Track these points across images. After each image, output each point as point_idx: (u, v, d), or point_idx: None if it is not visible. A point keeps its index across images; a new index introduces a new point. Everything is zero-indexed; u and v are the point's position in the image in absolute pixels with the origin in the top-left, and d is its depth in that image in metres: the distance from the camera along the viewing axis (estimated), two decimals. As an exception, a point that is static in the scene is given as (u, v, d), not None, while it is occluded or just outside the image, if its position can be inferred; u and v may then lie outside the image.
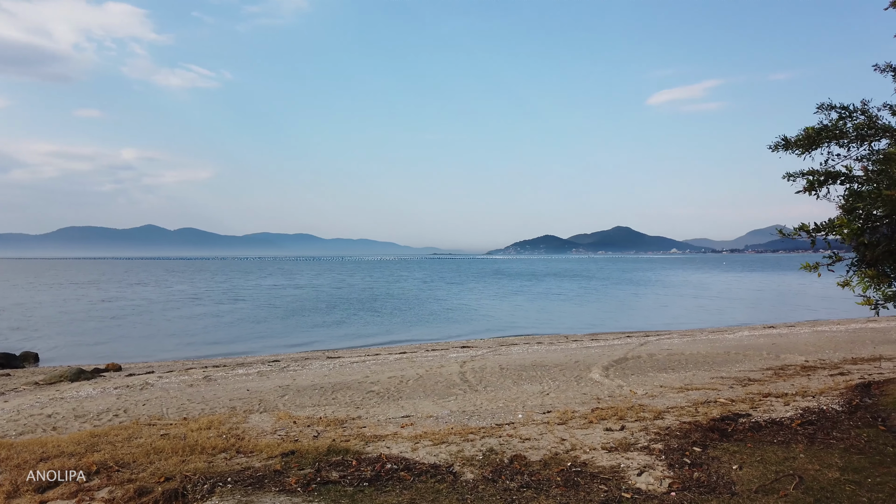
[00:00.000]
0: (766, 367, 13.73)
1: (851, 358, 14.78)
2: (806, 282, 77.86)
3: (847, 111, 6.01)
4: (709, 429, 7.41)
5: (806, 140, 5.93)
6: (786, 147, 6.12)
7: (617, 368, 13.95)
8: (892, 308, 4.84)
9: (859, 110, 5.94)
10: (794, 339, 19.36)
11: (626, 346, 18.54)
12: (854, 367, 12.93)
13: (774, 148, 6.25)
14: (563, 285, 71.34)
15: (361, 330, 28.05)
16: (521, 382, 12.41)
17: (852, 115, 5.98)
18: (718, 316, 33.95)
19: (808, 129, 6.03)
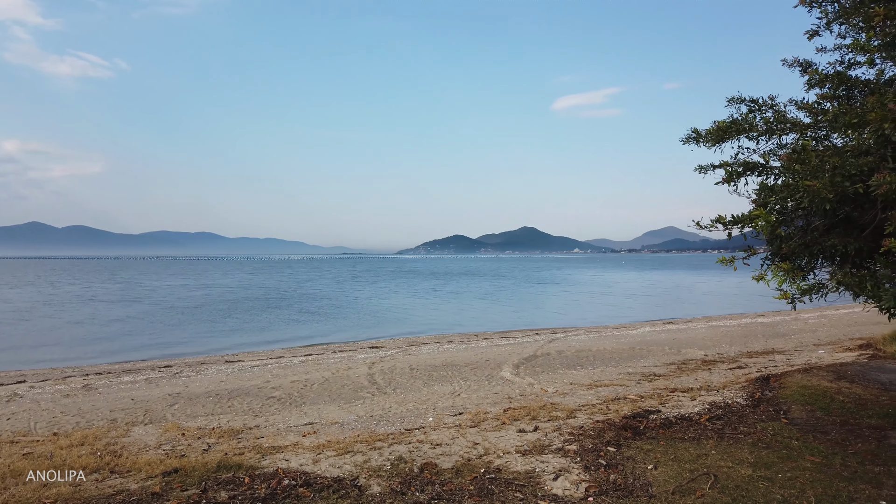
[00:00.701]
0: (669, 361, 14.05)
1: (747, 352, 15.42)
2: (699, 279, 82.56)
3: (756, 104, 6.00)
4: (622, 427, 7.28)
5: (716, 133, 5.86)
6: (696, 140, 6.04)
7: (527, 366, 13.85)
8: (807, 301, 4.81)
9: (768, 104, 5.94)
10: (693, 335, 20.13)
11: (536, 343, 18.60)
12: (750, 361, 13.45)
13: (686, 141, 6.17)
14: (474, 284, 71.93)
15: (265, 332, 26.79)
16: (432, 383, 12.02)
17: (761, 109, 5.98)
18: (621, 312, 35.10)
19: (719, 123, 5.97)
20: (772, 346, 16.39)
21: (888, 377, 9.52)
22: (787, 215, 4.92)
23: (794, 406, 8.15)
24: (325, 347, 19.98)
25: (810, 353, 14.39)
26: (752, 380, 10.05)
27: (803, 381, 9.50)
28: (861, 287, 4.08)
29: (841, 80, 5.53)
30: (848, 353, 13.29)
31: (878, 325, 22.13)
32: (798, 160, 4.34)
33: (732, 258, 5.14)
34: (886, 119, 3.92)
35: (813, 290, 4.62)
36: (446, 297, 50.33)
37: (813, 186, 4.08)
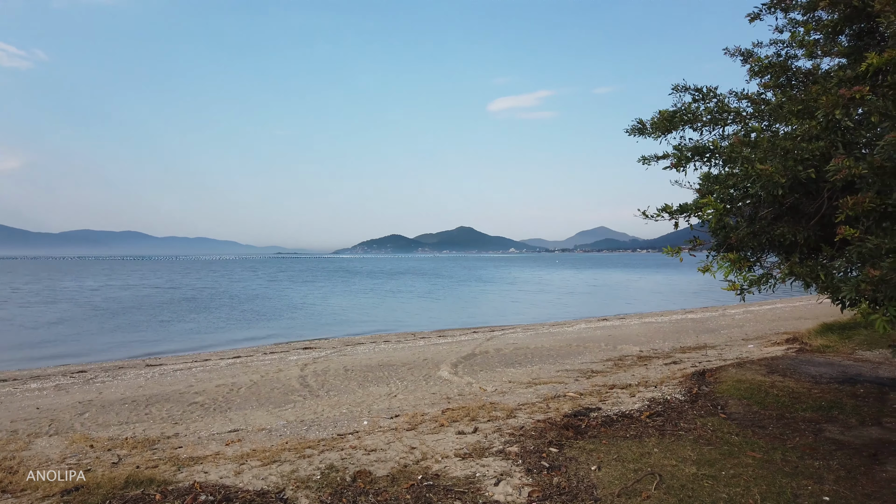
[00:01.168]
0: (606, 358, 14.07)
1: (680, 347, 15.66)
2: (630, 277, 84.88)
3: (700, 93, 5.88)
4: (563, 426, 7.06)
5: (662, 123, 5.70)
6: (641, 131, 5.87)
7: (465, 365, 13.58)
8: (756, 293, 4.67)
9: (711, 94, 5.83)
10: (627, 331, 20.39)
11: (474, 341, 18.38)
12: (684, 356, 13.61)
13: (631, 132, 5.99)
14: (412, 283, 71.50)
15: (192, 333, 25.54)
16: (368, 384, 11.56)
17: (705, 99, 5.85)
18: (558, 310, 35.47)
19: (663, 113, 5.81)
20: (703, 342, 16.73)
21: (817, 370, 9.72)
22: (735, 204, 4.79)
23: (731, 400, 8.15)
24: (255, 349, 19.13)
25: (740, 348, 14.71)
26: (689, 375, 10.08)
27: (738, 375, 9.58)
28: (814, 278, 3.96)
29: (783, 68, 5.47)
30: (776, 347, 13.64)
31: (801, 321, 23.06)
32: (749, 144, 4.19)
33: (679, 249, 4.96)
34: (838, 105, 3.81)
35: (761, 280, 4.49)
36: (384, 296, 49.73)
37: (765, 171, 3.92)
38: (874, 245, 3.43)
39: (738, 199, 4.76)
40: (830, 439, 6.55)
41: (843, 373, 9.52)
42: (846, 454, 6.07)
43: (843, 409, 7.59)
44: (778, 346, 13.64)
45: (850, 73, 4.36)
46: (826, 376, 9.29)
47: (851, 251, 3.65)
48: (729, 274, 4.54)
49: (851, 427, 6.97)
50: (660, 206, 5.68)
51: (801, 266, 4.07)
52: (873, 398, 8.08)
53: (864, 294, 3.26)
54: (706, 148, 5.07)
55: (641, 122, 5.84)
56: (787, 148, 4.03)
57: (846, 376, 9.27)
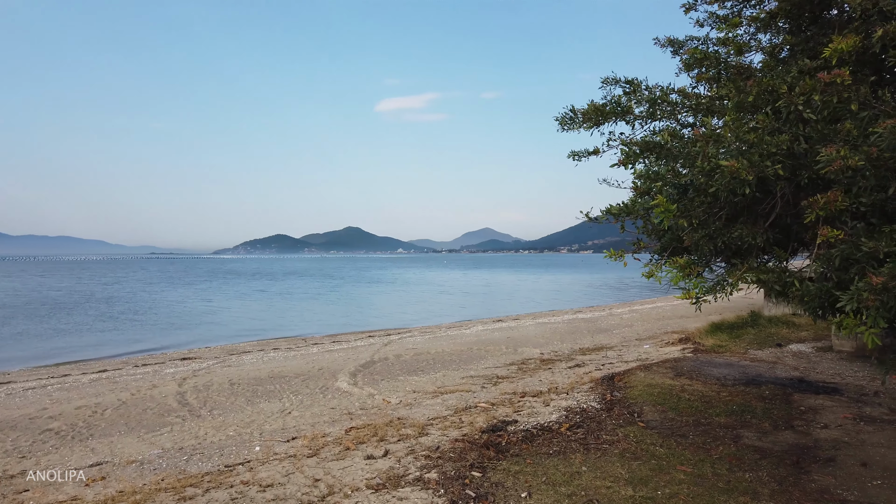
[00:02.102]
0: (509, 362, 13.75)
1: (579, 348, 15.67)
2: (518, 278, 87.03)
3: (632, 85, 5.49)
4: (483, 445, 6.47)
5: (594, 114, 5.25)
6: (572, 121, 5.39)
7: (365, 374, 12.75)
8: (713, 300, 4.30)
9: (644, 86, 5.46)
10: (525, 332, 20.34)
11: (371, 347, 17.53)
12: (586, 358, 13.55)
13: (562, 121, 5.51)
14: (301, 284, 69.07)
15: (47, 343, 22.73)
16: (258, 400, 10.45)
17: (636, 92, 5.48)
18: (452, 311, 35.27)
19: (594, 105, 5.36)
20: (600, 342, 16.89)
21: (720, 371, 9.82)
22: (690, 204, 4.41)
23: (646, 407, 7.94)
24: (124, 362, 17.15)
25: (637, 348, 14.92)
26: (598, 380, 9.87)
27: (647, 378, 9.46)
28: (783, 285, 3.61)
29: (718, 60, 5.20)
30: (672, 347, 13.91)
31: (685, 319, 24.12)
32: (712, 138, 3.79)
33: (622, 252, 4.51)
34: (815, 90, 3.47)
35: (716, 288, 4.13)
36: (271, 298, 47.45)
37: (731, 167, 3.51)
38: (870, 248, 3.11)
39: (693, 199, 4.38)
40: (751, 447, 6.41)
41: (744, 374, 9.66)
42: (771, 463, 5.91)
43: (754, 413, 7.57)
44: (673, 347, 13.91)
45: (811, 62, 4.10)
46: (730, 378, 9.37)
47: (833, 255, 3.32)
48: (679, 280, 4.13)
49: (767, 432, 6.91)
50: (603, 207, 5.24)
51: (766, 272, 3.71)
52: (779, 400, 8.16)
53: (866, 304, 2.91)
54: (656, 143, 4.66)
55: (573, 109, 5.36)
56: (752, 142, 3.66)
57: (748, 377, 9.40)
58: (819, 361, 10.76)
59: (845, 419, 7.28)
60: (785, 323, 14.61)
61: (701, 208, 4.30)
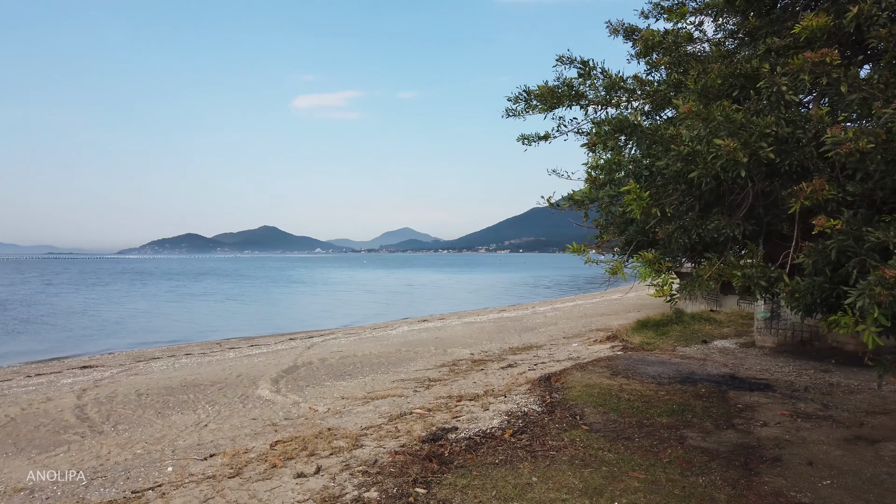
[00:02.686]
0: (439, 363, 13.34)
1: (508, 348, 15.48)
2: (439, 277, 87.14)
3: (587, 67, 5.18)
4: (425, 457, 5.99)
5: (549, 97, 4.89)
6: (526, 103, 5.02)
7: (288, 380, 11.98)
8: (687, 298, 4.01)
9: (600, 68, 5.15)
10: (452, 332, 20.02)
11: (293, 350, 16.68)
12: (517, 358, 13.34)
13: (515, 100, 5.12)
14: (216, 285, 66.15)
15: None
16: (169, 412, 9.53)
17: (591, 74, 5.17)
18: (376, 311, 34.58)
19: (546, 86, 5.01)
20: (529, 341, 16.79)
21: (655, 370, 9.78)
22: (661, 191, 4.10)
23: (588, 409, 7.72)
24: (15, 371, 15.49)
25: (566, 347, 14.87)
26: (535, 381, 9.61)
27: (584, 378, 9.28)
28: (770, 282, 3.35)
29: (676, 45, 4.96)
30: (601, 345, 13.93)
31: (605, 317, 24.55)
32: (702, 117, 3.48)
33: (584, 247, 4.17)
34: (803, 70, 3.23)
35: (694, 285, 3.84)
36: (182, 299, 45.03)
37: (727, 147, 3.21)
38: (877, 240, 2.87)
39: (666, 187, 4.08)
40: (697, 448, 6.26)
41: (678, 372, 9.67)
42: (721, 465, 5.76)
43: (694, 413, 7.48)
44: (602, 345, 13.93)
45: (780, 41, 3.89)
46: (665, 376, 9.33)
47: (829, 246, 3.08)
48: (647, 277, 3.82)
49: (710, 432, 6.81)
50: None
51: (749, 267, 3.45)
52: (716, 398, 8.14)
53: (878, 300, 2.66)
54: (630, 123, 4.33)
55: (528, 90, 4.98)
56: (741, 122, 3.38)
57: (682, 375, 9.39)
58: (745, 358, 10.97)
59: (782, 416, 7.31)
60: (707, 320, 14.98)
61: (674, 196, 4.02)
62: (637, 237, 4.49)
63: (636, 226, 4.41)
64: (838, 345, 10.85)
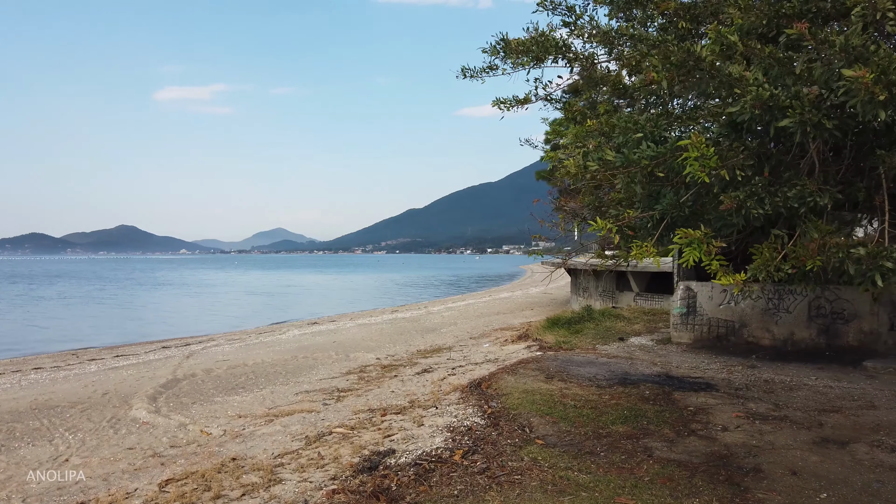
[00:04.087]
0: (345, 370, 12.10)
1: (416, 351, 14.51)
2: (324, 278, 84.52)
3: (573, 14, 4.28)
4: (370, 495, 4.85)
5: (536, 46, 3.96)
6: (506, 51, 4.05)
7: (169, 397, 10.24)
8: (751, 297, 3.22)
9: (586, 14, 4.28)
10: (348, 335, 18.71)
11: (170, 360, 14.67)
12: (430, 362, 12.38)
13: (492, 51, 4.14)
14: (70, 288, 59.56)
15: None
16: (16, 444, 7.63)
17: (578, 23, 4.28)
18: (258, 315, 32.26)
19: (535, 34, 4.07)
20: (435, 343, 15.90)
21: (587, 371, 9.19)
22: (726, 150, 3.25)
23: (534, 419, 6.89)
24: None
25: (477, 348, 14.14)
26: (465, 388, 8.69)
27: (518, 383, 8.49)
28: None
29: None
30: (515, 345, 13.29)
31: (503, 315, 24.25)
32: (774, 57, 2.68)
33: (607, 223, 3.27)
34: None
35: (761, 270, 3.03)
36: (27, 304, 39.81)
37: (861, 79, 2.39)
38: None
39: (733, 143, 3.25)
40: (669, 460, 5.60)
41: (611, 372, 9.14)
42: (706, 482, 5.11)
43: (648, 419, 6.87)
44: (516, 345, 13.30)
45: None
46: (602, 378, 8.76)
47: None
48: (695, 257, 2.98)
49: (673, 441, 6.20)
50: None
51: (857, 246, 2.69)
52: (663, 401, 7.63)
53: None
54: (695, 56, 3.41)
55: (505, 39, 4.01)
56: (859, 53, 2.60)
57: (618, 376, 8.87)
58: (668, 355, 10.72)
59: (738, 418, 6.88)
60: (616, 317, 14.83)
61: (739, 156, 3.20)
62: (672, 211, 3.66)
63: (670, 197, 3.59)
64: (754, 339, 10.88)
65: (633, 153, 3.38)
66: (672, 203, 3.61)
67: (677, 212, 3.63)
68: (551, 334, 13.55)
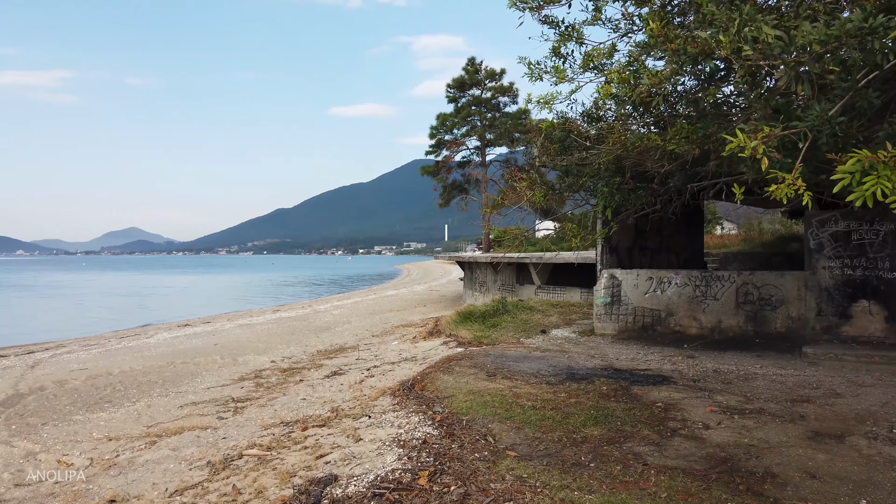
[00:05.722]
0: (237, 376, 10.39)
1: (316, 351, 13.00)
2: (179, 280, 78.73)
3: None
4: (328, 546, 3.52)
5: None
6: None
7: (11, 417, 8.09)
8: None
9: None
10: (232, 337, 16.67)
11: (9, 372, 12.04)
12: (337, 363, 10.98)
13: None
14: None
15: None
16: None
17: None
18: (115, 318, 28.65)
19: None
20: (334, 342, 14.44)
21: (528, 366, 8.27)
22: None
23: (493, 425, 5.82)
24: None
25: (384, 346, 12.90)
26: (395, 391, 7.45)
27: (457, 383, 7.38)
28: None
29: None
30: (429, 342, 12.16)
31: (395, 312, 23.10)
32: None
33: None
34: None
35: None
36: None
37: None
38: None
39: None
40: (670, 468, 4.75)
41: (554, 367, 8.29)
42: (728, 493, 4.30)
43: (620, 419, 6.03)
44: (430, 342, 12.18)
45: None
46: (547, 374, 7.87)
47: None
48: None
49: (658, 443, 5.37)
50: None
51: None
52: (625, 398, 6.84)
53: None
54: None
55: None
56: None
57: (563, 372, 8.03)
58: (598, 346, 10.09)
59: (713, 413, 6.22)
60: (528, 309, 14.14)
61: None
62: (824, 128, 2.62)
63: (819, 108, 2.57)
64: (681, 328, 10.54)
65: (801, 35, 2.43)
66: (820, 116, 2.67)
67: (829, 129, 2.68)
68: (466, 329, 12.58)
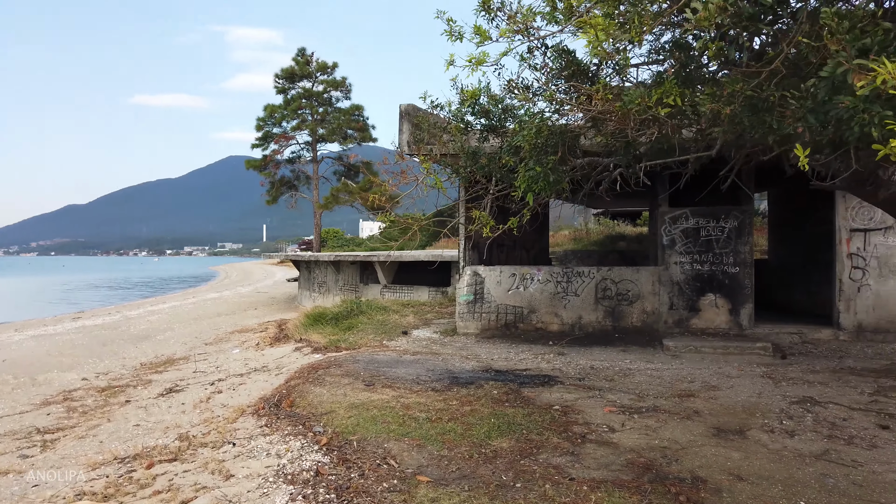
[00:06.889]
0: (39, 400, 8.45)
1: (140, 364, 11.16)
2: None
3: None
4: None
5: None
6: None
7: None
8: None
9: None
10: (24, 350, 13.87)
11: None
12: (169, 377, 9.42)
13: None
14: None
15: None
16: None
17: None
18: None
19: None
20: (159, 353, 12.56)
21: (406, 372, 7.55)
22: None
23: (391, 445, 5.04)
24: None
25: (224, 355, 11.43)
26: (256, 409, 6.34)
27: (333, 397, 6.46)
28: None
29: None
30: (277, 348, 10.93)
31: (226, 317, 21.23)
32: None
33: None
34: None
35: None
36: None
37: None
38: None
39: None
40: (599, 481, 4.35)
41: (432, 371, 7.66)
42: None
43: (521, 425, 5.56)
44: (279, 348, 10.96)
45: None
46: (429, 379, 7.22)
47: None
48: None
49: (575, 453, 4.97)
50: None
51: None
52: (520, 402, 6.40)
53: None
54: None
55: None
56: None
57: (443, 376, 7.43)
58: (466, 346, 9.67)
59: (612, 413, 6.00)
60: (382, 309, 13.38)
61: None
62: None
63: None
64: (543, 325, 10.48)
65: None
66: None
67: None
68: (318, 333, 11.53)
